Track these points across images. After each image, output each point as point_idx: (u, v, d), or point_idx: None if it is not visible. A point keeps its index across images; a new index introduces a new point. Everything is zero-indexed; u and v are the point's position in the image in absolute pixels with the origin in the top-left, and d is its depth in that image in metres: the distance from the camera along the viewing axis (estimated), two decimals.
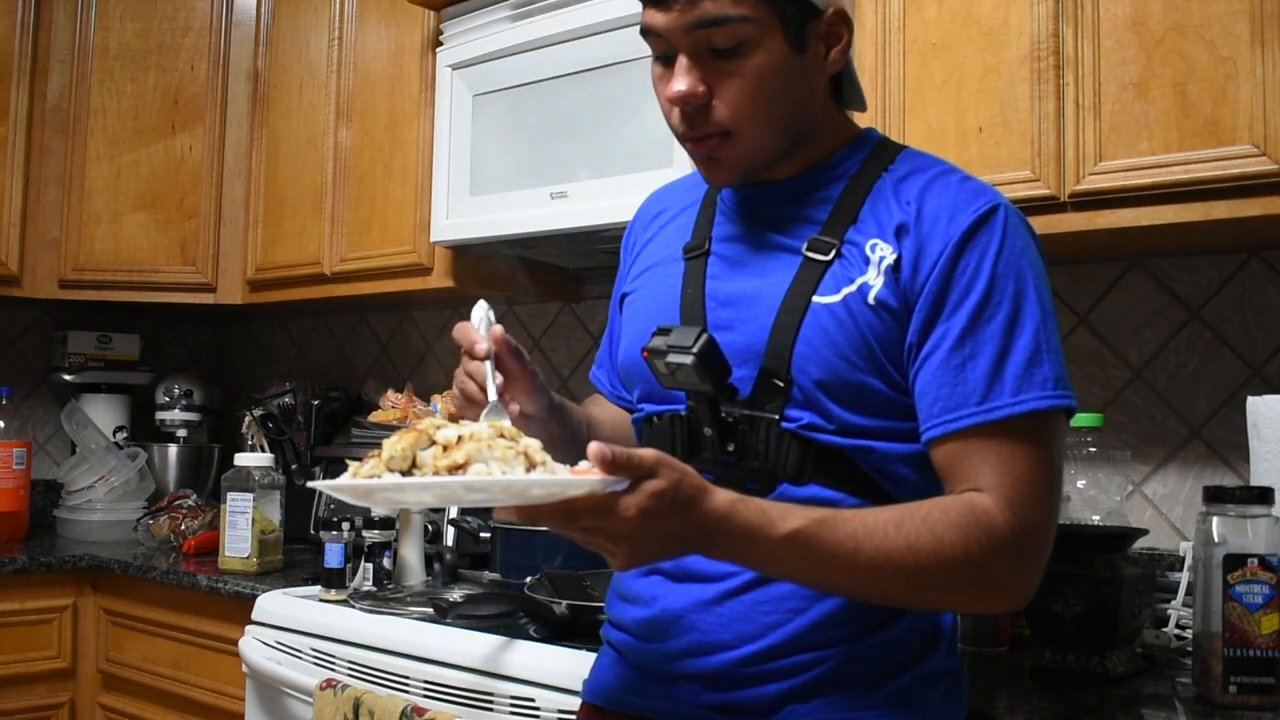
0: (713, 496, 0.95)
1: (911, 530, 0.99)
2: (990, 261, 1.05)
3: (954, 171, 1.13)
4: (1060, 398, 1.04)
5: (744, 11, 1.07)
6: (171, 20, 2.87)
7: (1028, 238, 1.10)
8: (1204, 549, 1.37)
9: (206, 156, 2.85)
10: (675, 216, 1.29)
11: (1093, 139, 1.54)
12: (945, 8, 1.68)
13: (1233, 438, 1.75)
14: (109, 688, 2.50)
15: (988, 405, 1.03)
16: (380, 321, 3.09)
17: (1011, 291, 1.05)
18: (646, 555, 0.95)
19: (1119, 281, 1.88)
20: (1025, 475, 1.02)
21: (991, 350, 1.04)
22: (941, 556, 0.99)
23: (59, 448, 3.16)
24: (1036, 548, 1.03)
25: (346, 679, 1.76)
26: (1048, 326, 1.06)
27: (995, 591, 1.05)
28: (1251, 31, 1.42)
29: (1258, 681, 1.32)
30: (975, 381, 1.03)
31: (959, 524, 1.00)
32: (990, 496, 1.01)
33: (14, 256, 2.75)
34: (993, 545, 1.00)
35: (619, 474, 0.89)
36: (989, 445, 1.03)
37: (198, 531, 2.57)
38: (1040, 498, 1.02)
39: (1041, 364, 1.04)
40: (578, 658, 1.54)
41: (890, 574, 0.99)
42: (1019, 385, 1.03)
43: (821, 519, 0.98)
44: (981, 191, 1.10)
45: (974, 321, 1.05)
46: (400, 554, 2.13)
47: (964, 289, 1.05)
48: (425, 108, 2.40)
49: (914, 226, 1.08)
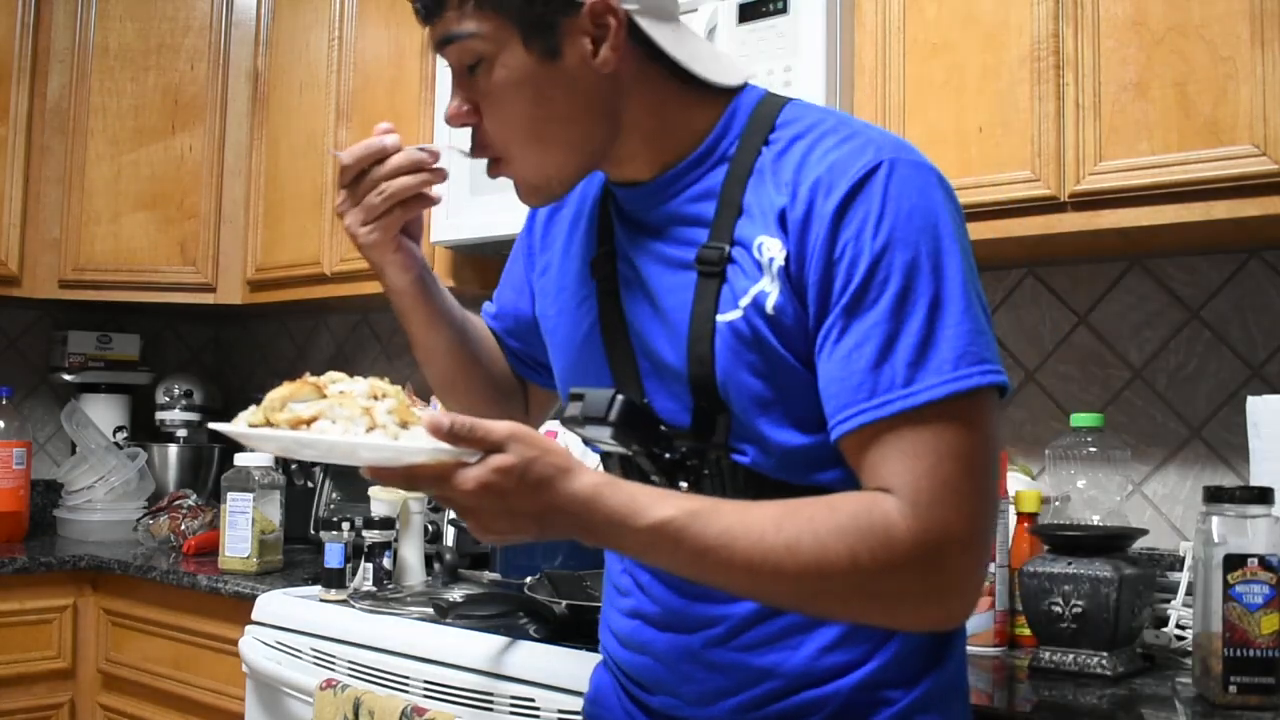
0: (574, 478, 0.89)
1: (793, 530, 0.89)
2: (870, 233, 0.91)
3: (837, 129, 0.97)
4: (961, 379, 0.89)
5: (471, 27, 0.96)
6: (171, 20, 2.87)
7: (923, 193, 0.93)
8: (1204, 549, 1.37)
9: (206, 156, 2.85)
10: (579, 211, 1.16)
11: (1093, 139, 1.54)
12: (945, 8, 1.68)
13: (1233, 438, 1.75)
14: (109, 688, 2.50)
15: (879, 399, 0.89)
16: (380, 321, 3.09)
17: (900, 264, 0.90)
18: (496, 531, 0.91)
19: (1119, 281, 1.88)
20: (932, 474, 0.88)
21: (879, 336, 0.90)
22: (824, 562, 0.88)
23: (59, 448, 3.16)
24: (952, 556, 0.88)
25: (346, 679, 1.76)
26: (945, 296, 0.90)
27: (902, 607, 0.91)
28: (1251, 31, 1.42)
29: (1258, 681, 1.32)
30: (864, 374, 0.90)
31: (848, 527, 0.88)
32: (894, 498, 0.89)
33: (14, 256, 2.75)
34: (888, 554, 0.87)
35: (460, 445, 0.87)
36: (888, 443, 0.90)
37: (198, 531, 2.57)
38: (953, 498, 0.88)
39: (936, 345, 0.89)
40: (578, 658, 1.54)
41: (768, 577, 0.89)
42: (911, 373, 0.89)
43: (696, 510, 0.90)
44: (860, 152, 0.94)
45: (858, 306, 0.91)
46: (400, 554, 2.13)
47: (846, 270, 0.91)
48: (425, 108, 2.40)
49: (792, 210, 0.95)
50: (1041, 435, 1.90)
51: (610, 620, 1.17)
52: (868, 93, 1.75)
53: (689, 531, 0.89)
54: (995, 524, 0.93)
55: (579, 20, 0.97)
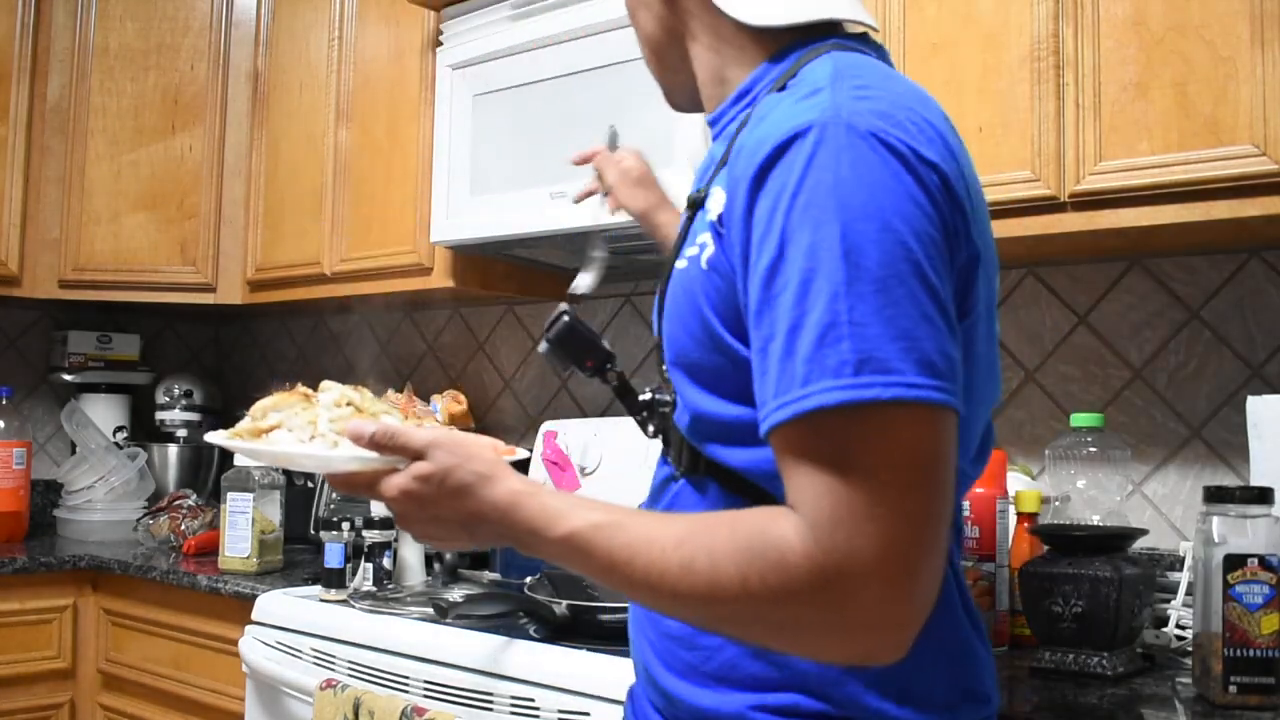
0: (492, 486, 0.90)
1: (691, 549, 0.81)
2: (784, 207, 0.80)
3: (816, 81, 0.86)
4: (862, 387, 0.75)
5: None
6: (171, 20, 2.87)
7: (856, 164, 0.79)
8: (1204, 549, 1.37)
9: (206, 156, 2.85)
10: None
11: (1093, 139, 1.54)
12: (945, 8, 1.68)
13: (1233, 438, 1.75)
14: (109, 688, 2.50)
15: (779, 400, 0.78)
16: (380, 321, 3.09)
17: (805, 246, 0.78)
18: (428, 535, 0.95)
19: (1119, 281, 1.88)
20: (830, 495, 0.76)
21: (785, 326, 0.78)
22: (716, 586, 0.79)
23: (59, 448, 3.16)
24: (860, 587, 0.75)
25: (346, 679, 1.76)
26: (856, 290, 0.76)
27: (806, 639, 0.80)
28: (1251, 31, 1.42)
29: (1258, 681, 1.32)
30: (773, 369, 0.79)
31: (744, 548, 0.79)
32: (796, 518, 0.78)
33: (14, 256, 2.75)
34: (781, 580, 0.77)
35: (382, 453, 0.93)
36: (791, 453, 0.79)
37: (198, 531, 2.57)
38: (859, 522, 0.75)
39: (839, 342, 0.76)
40: (578, 658, 1.54)
41: (667, 598, 0.83)
42: (809, 372, 0.76)
43: (600, 524, 0.86)
44: (802, 111, 0.82)
45: (767, 289, 0.80)
46: (400, 554, 2.13)
47: (759, 246, 0.81)
48: (425, 108, 2.40)
49: (730, 166, 0.87)
50: (1041, 435, 1.90)
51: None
52: None
53: (594, 545, 0.86)
54: (933, 551, 0.77)
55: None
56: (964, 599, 0.95)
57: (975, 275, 0.86)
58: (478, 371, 2.83)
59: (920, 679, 0.89)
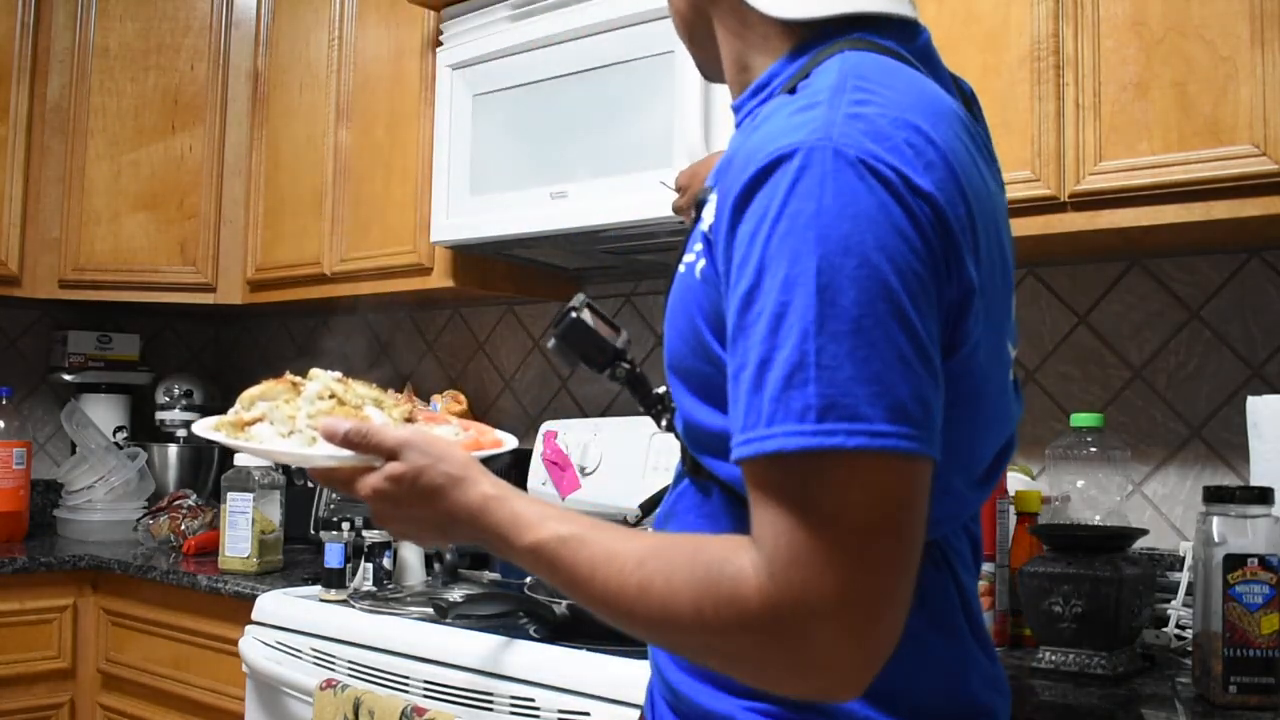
0: (465, 489, 0.91)
1: (651, 570, 0.80)
2: (764, 234, 0.76)
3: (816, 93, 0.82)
4: (824, 434, 0.72)
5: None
6: (171, 20, 2.87)
7: (841, 194, 0.75)
8: (1204, 549, 1.37)
9: (206, 156, 2.85)
10: None
11: (1093, 139, 1.54)
12: (945, 8, 1.68)
13: (1233, 438, 1.75)
14: (109, 688, 2.50)
15: (745, 435, 0.76)
16: (380, 321, 3.09)
17: (781, 279, 0.74)
18: (404, 534, 0.98)
19: (1119, 281, 1.88)
20: (788, 535, 0.74)
21: (755, 359, 0.76)
22: (669, 611, 0.78)
23: (59, 448, 3.16)
24: (814, 627, 0.73)
25: (346, 679, 1.76)
26: (828, 330, 0.73)
27: (763, 673, 0.78)
28: (1251, 31, 1.42)
29: (1258, 681, 1.32)
30: (741, 400, 0.77)
31: (700, 578, 0.77)
32: (755, 551, 0.76)
33: (14, 256, 2.75)
34: (734, 613, 0.75)
35: (356, 450, 0.94)
36: (754, 487, 0.77)
37: (198, 531, 2.57)
38: (817, 563, 0.73)
39: (805, 384, 0.73)
40: (578, 658, 1.54)
41: (624, 617, 0.82)
42: (773, 412, 0.74)
43: (566, 536, 0.85)
44: (797, 129, 0.78)
45: (742, 316, 0.77)
46: (400, 554, 2.13)
47: (738, 270, 0.78)
48: (425, 108, 2.40)
49: (723, 176, 0.84)
50: (1041, 435, 1.90)
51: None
52: None
53: (559, 557, 0.86)
54: (895, 598, 0.75)
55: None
56: (967, 611, 0.93)
57: (969, 309, 0.81)
58: (478, 371, 2.83)
59: (915, 691, 0.87)
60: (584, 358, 1.11)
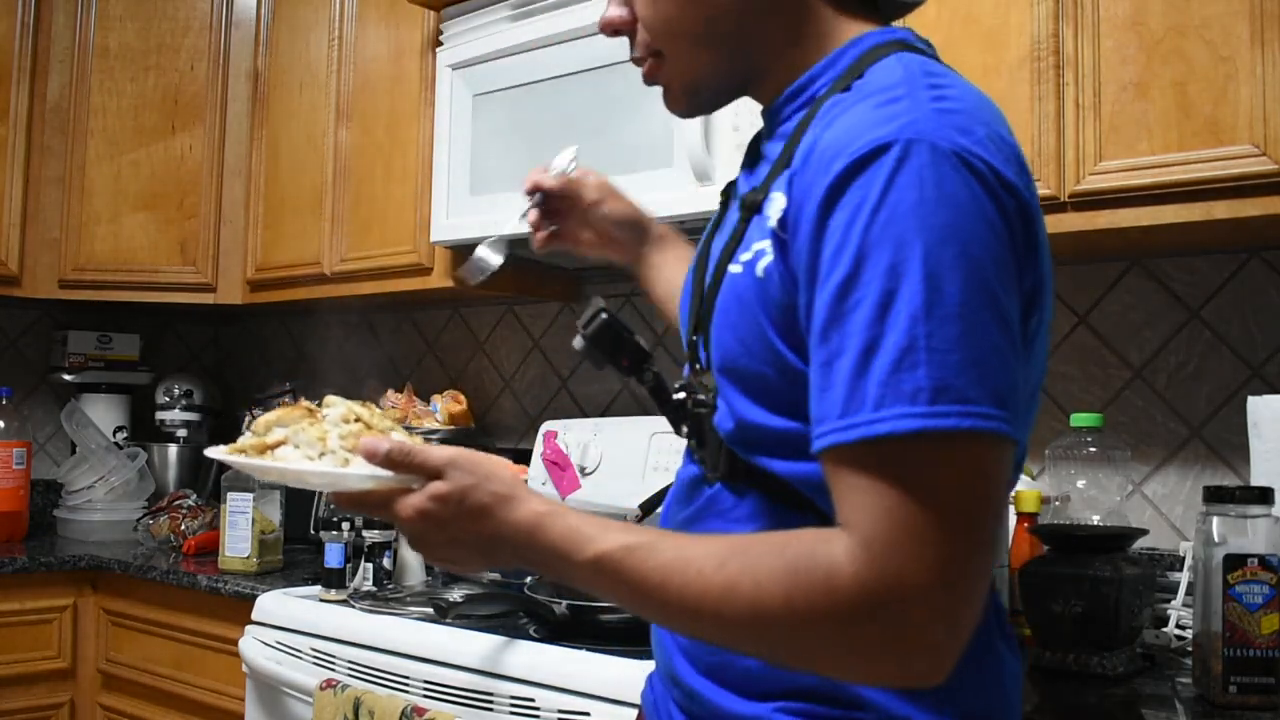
0: (515, 507, 0.87)
1: (734, 570, 0.80)
2: (863, 223, 0.77)
3: (893, 89, 0.83)
4: (938, 416, 0.74)
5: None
6: (171, 20, 2.87)
7: (940, 185, 0.78)
8: (1204, 549, 1.37)
9: (206, 156, 2.86)
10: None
11: (1092, 139, 1.54)
12: (945, 7, 1.68)
13: (1233, 438, 1.75)
14: (109, 688, 2.50)
15: (846, 420, 0.77)
16: (380, 321, 3.09)
17: (885, 266, 0.76)
18: (444, 558, 0.91)
19: (1119, 281, 1.88)
20: (889, 517, 0.75)
21: (856, 346, 0.77)
22: (759, 607, 0.78)
23: (59, 448, 3.16)
24: (908, 613, 0.75)
25: (346, 679, 1.76)
26: (936, 315, 0.75)
27: (851, 662, 0.79)
28: (1251, 31, 1.42)
29: (1258, 681, 1.32)
30: (838, 386, 0.78)
31: (790, 568, 0.78)
32: (849, 538, 0.77)
33: (14, 256, 2.75)
34: (828, 601, 0.76)
35: (396, 470, 0.89)
36: (851, 472, 0.78)
37: (198, 531, 2.57)
38: (915, 545, 0.75)
39: (915, 368, 0.75)
40: (578, 658, 1.54)
41: (707, 620, 0.82)
42: (882, 395, 0.75)
43: (633, 545, 0.84)
44: (888, 120, 0.80)
45: (838, 305, 0.78)
46: (400, 554, 2.13)
47: (831, 259, 0.79)
48: (425, 108, 2.40)
49: (801, 170, 0.84)
50: (1041, 435, 1.90)
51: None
52: None
53: (626, 567, 0.84)
54: (983, 578, 0.78)
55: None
56: (996, 606, 0.93)
57: (1038, 301, 0.84)
58: (478, 371, 2.83)
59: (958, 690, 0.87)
60: (613, 360, 1.05)
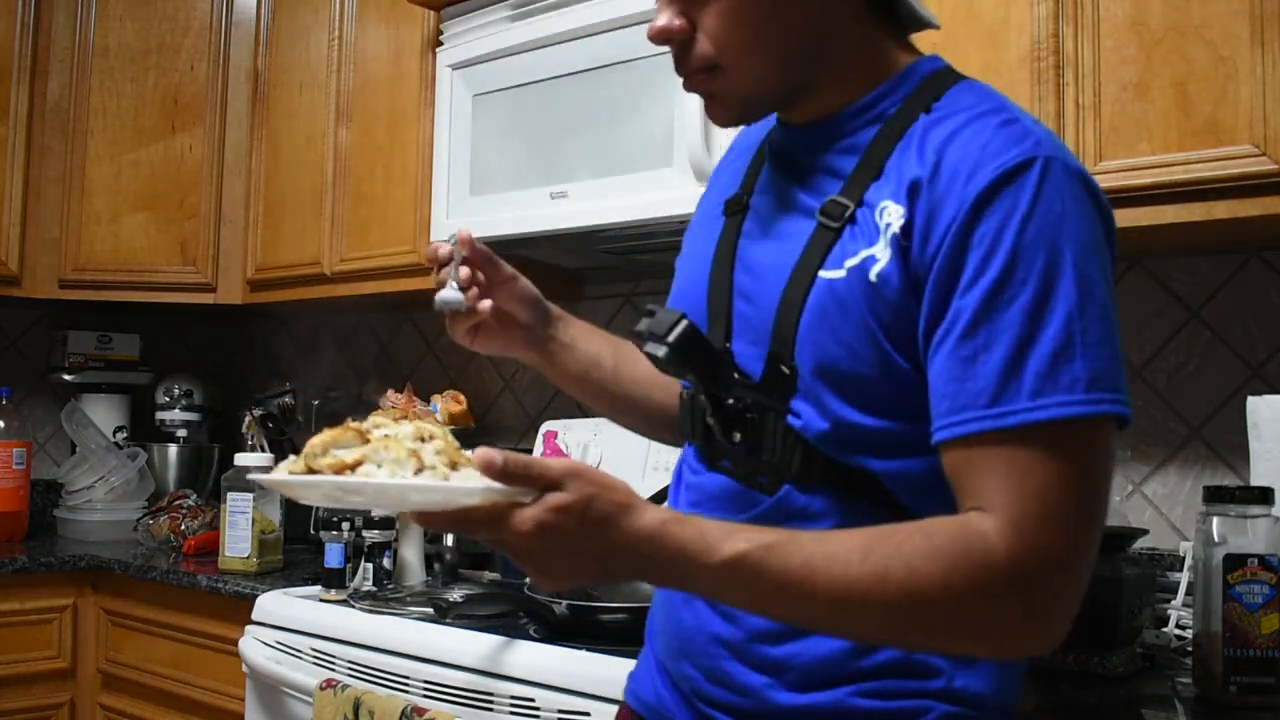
0: (638, 515, 0.86)
1: (881, 558, 0.84)
2: (1015, 228, 0.86)
3: (999, 111, 0.94)
4: (1094, 403, 0.84)
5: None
6: (171, 20, 2.87)
7: (1074, 201, 0.88)
8: (1204, 549, 1.37)
9: (206, 156, 2.85)
10: (736, 160, 1.17)
11: (1093, 139, 1.54)
12: (945, 7, 1.68)
13: (1233, 438, 1.75)
14: (109, 688, 2.50)
15: (1000, 408, 0.85)
16: (380, 321, 3.09)
17: (1041, 267, 0.86)
18: (556, 573, 0.88)
19: (1119, 281, 1.87)
20: (1040, 495, 0.84)
21: (1009, 340, 0.85)
22: (913, 590, 0.84)
23: (59, 448, 3.16)
24: (1052, 583, 0.84)
25: (346, 679, 1.76)
26: (1088, 313, 0.86)
27: (996, 635, 0.87)
28: (1251, 31, 1.42)
29: (1258, 681, 1.32)
30: (987, 377, 0.86)
31: (943, 552, 0.84)
32: (993, 518, 0.84)
33: (14, 256, 2.75)
34: (984, 578, 0.83)
35: (512, 483, 0.84)
36: (999, 456, 0.85)
37: (198, 531, 2.57)
38: (1060, 524, 0.84)
39: (1073, 360, 0.84)
40: (578, 658, 1.54)
41: (855, 610, 0.85)
42: (1040, 385, 0.84)
43: (771, 543, 0.86)
44: (1020, 139, 0.90)
45: (990, 303, 0.86)
46: (400, 554, 2.13)
47: (980, 262, 0.87)
48: (425, 108, 2.40)
49: (929, 184, 0.91)
50: None
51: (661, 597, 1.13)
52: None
53: (766, 565, 0.86)
54: (1098, 545, 0.87)
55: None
56: None
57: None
58: (478, 371, 2.83)
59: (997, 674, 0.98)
60: (695, 369, 1.00)
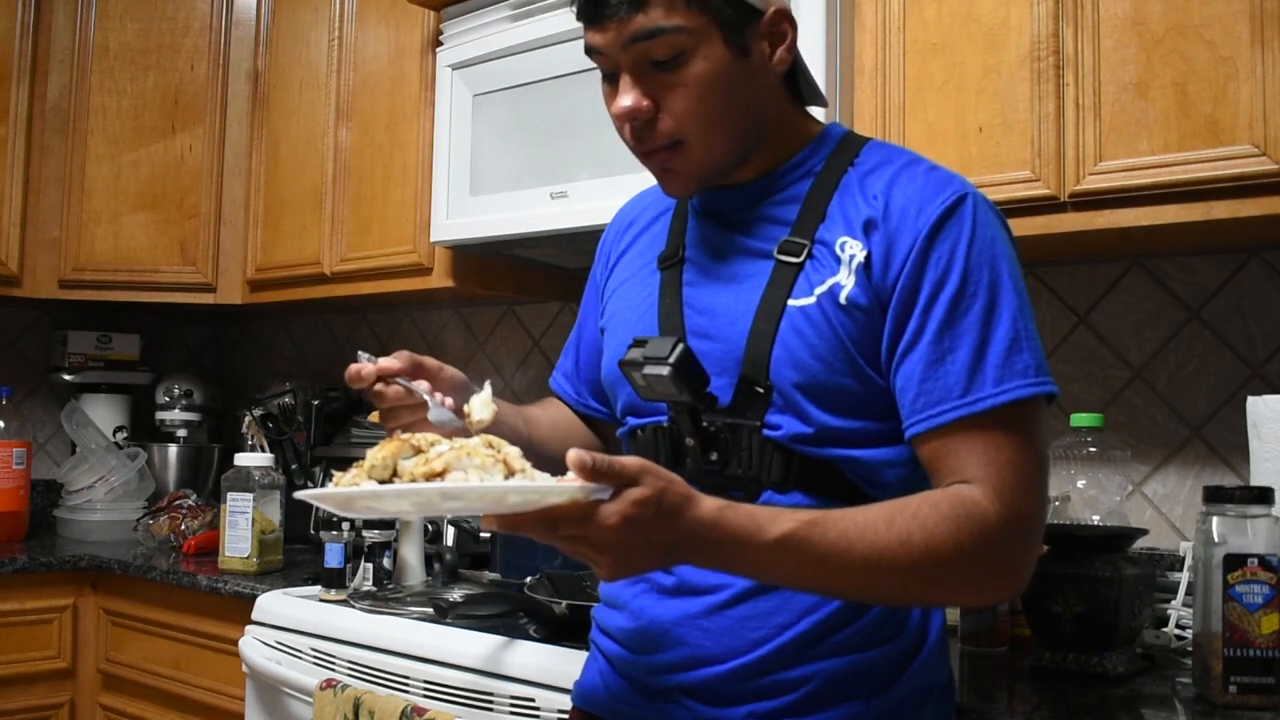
0: (699, 504, 0.94)
1: (903, 526, 0.99)
2: (963, 252, 1.06)
3: (919, 162, 1.13)
4: (1041, 384, 1.04)
5: (678, 21, 1.07)
6: (171, 20, 2.87)
7: (998, 225, 1.10)
8: (1204, 549, 1.37)
9: (206, 156, 2.85)
10: (648, 226, 1.30)
11: (1093, 139, 1.54)
12: (945, 8, 1.68)
13: (1233, 438, 1.75)
14: (109, 688, 2.50)
15: (971, 397, 1.03)
16: (380, 321, 3.09)
17: (986, 281, 1.05)
18: (632, 565, 0.94)
19: (1119, 281, 1.88)
20: (1012, 464, 1.02)
21: (970, 342, 1.04)
22: (933, 551, 0.98)
23: (59, 448, 3.16)
24: (1028, 536, 1.03)
25: (346, 679, 1.76)
26: (1024, 314, 1.06)
27: (989, 582, 1.05)
28: (1251, 31, 1.42)
29: (1258, 681, 1.32)
30: (956, 374, 1.03)
31: (950, 516, 0.99)
32: (978, 488, 1.01)
33: (14, 256, 2.76)
34: (984, 536, 0.99)
35: (601, 481, 0.89)
36: (974, 437, 1.03)
37: (198, 531, 2.57)
38: (1028, 486, 1.03)
39: (1021, 352, 1.04)
40: (578, 658, 1.53)
41: (885, 572, 0.99)
42: (1000, 375, 1.03)
43: (812, 520, 0.98)
44: (948, 181, 1.10)
45: (951, 314, 1.05)
46: (400, 554, 2.13)
47: (937, 281, 1.05)
48: (425, 108, 2.40)
49: (882, 221, 1.09)
50: None
51: (609, 592, 1.22)
52: (868, 93, 1.75)
53: (810, 541, 0.97)
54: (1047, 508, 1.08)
55: (760, 25, 1.11)
56: None
57: None
58: (478, 371, 2.83)
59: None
60: (691, 389, 1.09)
